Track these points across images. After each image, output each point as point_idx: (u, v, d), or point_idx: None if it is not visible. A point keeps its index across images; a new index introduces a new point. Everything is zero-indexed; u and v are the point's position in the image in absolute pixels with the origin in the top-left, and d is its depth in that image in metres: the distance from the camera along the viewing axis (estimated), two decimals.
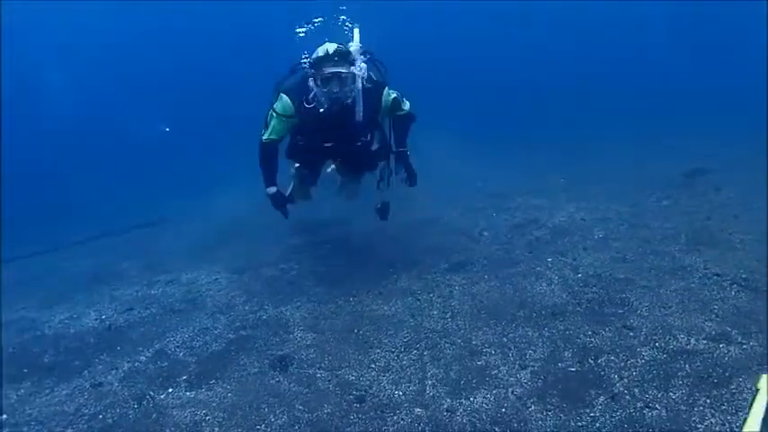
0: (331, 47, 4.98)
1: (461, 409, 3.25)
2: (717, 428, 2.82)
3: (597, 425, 2.96)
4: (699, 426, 2.85)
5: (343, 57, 4.98)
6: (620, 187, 7.76)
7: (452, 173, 9.19)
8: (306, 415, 3.41)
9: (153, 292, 6.22)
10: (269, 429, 3.34)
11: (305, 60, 5.14)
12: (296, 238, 7.25)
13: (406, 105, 5.49)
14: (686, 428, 2.84)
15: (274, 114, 5.31)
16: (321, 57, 4.97)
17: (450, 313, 4.48)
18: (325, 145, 5.37)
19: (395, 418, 3.27)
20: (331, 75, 4.92)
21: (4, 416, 4.04)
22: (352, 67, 5.00)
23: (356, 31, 5.42)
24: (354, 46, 5.32)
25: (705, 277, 4.49)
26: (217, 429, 3.42)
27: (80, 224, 11.83)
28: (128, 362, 4.56)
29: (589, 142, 11.95)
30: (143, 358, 4.59)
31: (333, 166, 5.98)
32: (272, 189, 5.41)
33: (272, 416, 3.46)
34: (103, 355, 4.79)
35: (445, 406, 3.30)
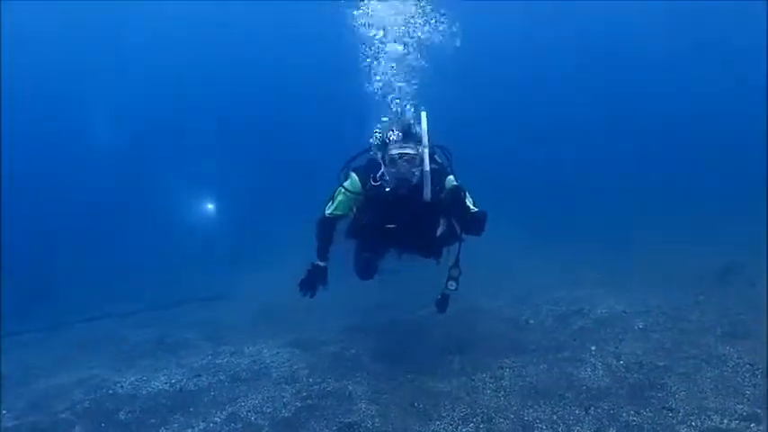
0: (399, 127, 5.09)
1: None
2: None
3: None
4: None
5: (412, 137, 5.05)
6: (657, 281, 8.16)
7: (495, 262, 9.68)
8: None
9: (218, 361, 6.57)
10: None
11: (375, 140, 5.31)
12: (350, 319, 7.69)
13: (470, 201, 5.19)
14: None
15: (342, 190, 5.43)
16: (390, 137, 5.08)
17: (502, 392, 4.89)
18: (388, 226, 5.28)
19: None
20: (399, 155, 4.99)
21: None
22: (420, 148, 5.01)
23: (423, 114, 5.30)
24: (423, 127, 5.17)
25: (738, 366, 4.88)
26: None
27: (124, 296, 12.45)
28: (203, 422, 4.89)
29: (626, 236, 12.39)
30: (217, 419, 4.92)
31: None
32: (322, 263, 5.54)
33: None
34: (177, 414, 5.12)
35: None
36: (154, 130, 24.19)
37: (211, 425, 4.85)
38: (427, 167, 4.99)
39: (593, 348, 5.71)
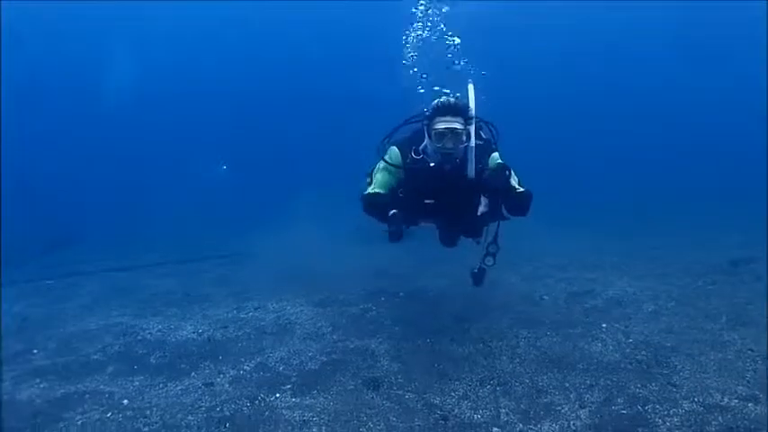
0: (448, 100, 4.88)
1: None
2: None
3: None
4: None
5: (460, 112, 4.86)
6: (669, 269, 8.51)
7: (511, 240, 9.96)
8: (400, 425, 4.11)
9: (243, 315, 6.91)
10: None
11: (424, 114, 5.08)
12: (373, 283, 8.00)
13: (515, 180, 5.04)
14: None
15: (382, 165, 5.22)
16: (437, 110, 4.86)
17: (518, 359, 5.19)
18: (427, 202, 5.09)
19: None
20: (446, 130, 4.80)
21: (125, 401, 4.61)
22: (467, 123, 4.87)
23: (471, 87, 5.16)
24: (470, 102, 5.07)
25: (741, 351, 5.17)
26: (324, 428, 4.08)
27: (145, 249, 12.83)
28: (233, 369, 5.19)
29: (641, 226, 12.72)
30: (247, 368, 5.22)
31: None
32: (393, 211, 4.91)
33: (370, 423, 4.15)
34: (207, 362, 5.41)
35: (518, 428, 4.01)
36: (180, 92, 24.50)
37: (241, 372, 5.15)
38: (473, 143, 4.90)
39: (603, 326, 6.01)
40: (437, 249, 6.13)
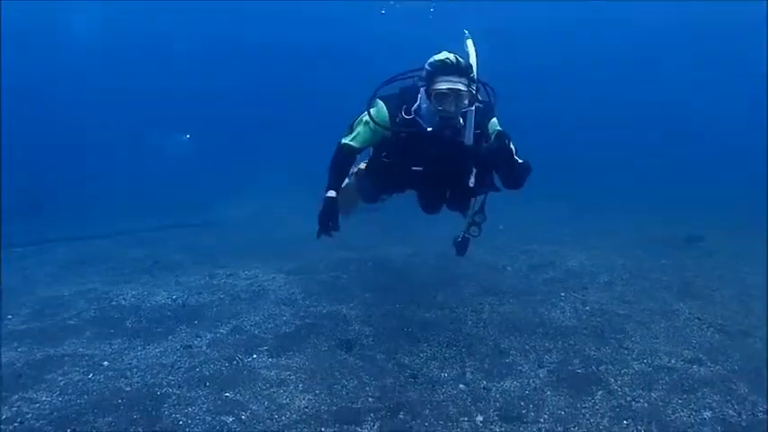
0: (453, 57, 4.24)
1: (494, 389, 4.28)
2: (683, 420, 3.86)
3: (596, 408, 4.00)
4: (671, 416, 3.89)
5: (465, 71, 4.26)
6: (626, 244, 8.98)
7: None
8: (373, 382, 4.38)
9: (215, 282, 6.99)
10: (344, 389, 4.28)
11: (421, 70, 4.40)
12: (341, 253, 8.20)
13: (513, 149, 4.23)
14: (661, 417, 3.88)
15: (365, 120, 4.61)
16: (440, 66, 4.24)
17: (482, 324, 5.51)
18: (414, 168, 4.58)
19: (443, 389, 4.27)
20: (449, 90, 4.21)
21: (105, 362, 4.71)
22: (470, 84, 4.29)
23: (470, 42, 4.59)
24: (471, 58, 4.49)
25: (688, 320, 5.61)
26: (301, 385, 4.31)
27: (118, 218, 12.80)
28: (209, 333, 5.32)
29: (601, 202, 13.20)
30: (223, 331, 5.36)
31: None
32: (332, 193, 4.60)
33: (344, 380, 4.41)
34: (183, 326, 5.50)
35: (482, 385, 4.32)
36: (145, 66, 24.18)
37: (218, 335, 5.30)
38: (473, 107, 4.32)
39: (562, 294, 6.37)
40: (402, 217, 6.08)
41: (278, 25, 23.96)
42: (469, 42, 4.59)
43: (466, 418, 3.88)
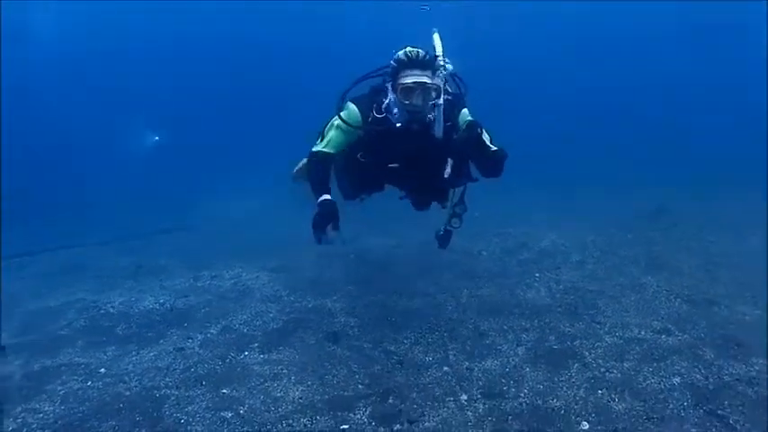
0: (416, 51, 4.32)
1: (477, 368, 4.53)
2: (654, 386, 4.14)
3: (572, 380, 4.28)
4: (642, 384, 4.18)
5: (430, 64, 4.31)
6: (595, 221, 9.24)
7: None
8: (361, 370, 4.60)
9: (200, 284, 7.08)
10: (334, 379, 4.48)
11: (386, 68, 4.50)
12: (322, 247, 8.34)
13: (486, 138, 4.36)
14: (633, 385, 4.16)
15: (336, 123, 4.62)
16: (404, 62, 4.31)
17: (461, 308, 5.77)
18: (390, 165, 4.66)
19: (429, 372, 4.51)
20: (414, 84, 4.27)
21: (102, 369, 4.81)
22: (437, 78, 4.31)
23: (436, 36, 4.53)
24: (437, 51, 4.42)
25: (657, 292, 5.94)
26: (293, 378, 4.50)
27: (92, 226, 12.67)
28: (200, 334, 5.43)
29: (570, 183, 13.51)
30: (213, 331, 5.50)
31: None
32: (326, 196, 4.46)
33: (334, 370, 4.62)
34: (174, 329, 5.55)
35: (465, 366, 4.57)
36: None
37: (209, 335, 5.44)
38: (441, 100, 4.33)
39: (536, 275, 6.67)
40: (384, 207, 6.22)
41: (258, 24, 23.93)
42: (436, 36, 4.53)
43: (451, 398, 4.12)
